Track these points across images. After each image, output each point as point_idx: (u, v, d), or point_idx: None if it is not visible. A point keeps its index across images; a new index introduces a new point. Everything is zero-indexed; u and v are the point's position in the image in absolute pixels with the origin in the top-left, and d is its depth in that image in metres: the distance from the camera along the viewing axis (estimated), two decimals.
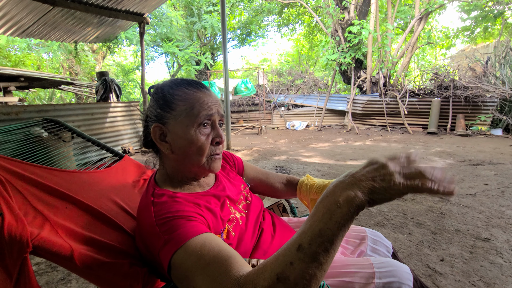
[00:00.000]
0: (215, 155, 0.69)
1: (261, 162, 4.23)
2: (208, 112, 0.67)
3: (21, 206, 0.69)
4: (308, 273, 0.40)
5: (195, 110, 0.66)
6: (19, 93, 8.82)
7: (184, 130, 0.66)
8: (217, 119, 0.70)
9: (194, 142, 0.66)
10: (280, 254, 0.43)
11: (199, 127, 0.66)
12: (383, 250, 0.90)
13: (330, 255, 0.41)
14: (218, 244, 0.52)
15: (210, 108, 0.67)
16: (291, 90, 10.97)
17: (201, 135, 0.66)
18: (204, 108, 0.67)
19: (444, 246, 1.73)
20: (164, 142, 0.69)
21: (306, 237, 0.42)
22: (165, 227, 0.57)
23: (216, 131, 0.69)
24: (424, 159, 4.07)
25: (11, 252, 0.61)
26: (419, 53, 14.14)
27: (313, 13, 10.09)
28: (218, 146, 0.70)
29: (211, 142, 0.68)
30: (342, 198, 0.42)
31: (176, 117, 0.67)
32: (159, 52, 13.46)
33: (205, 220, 0.62)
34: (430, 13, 7.52)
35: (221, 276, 0.46)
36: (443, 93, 6.85)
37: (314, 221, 0.43)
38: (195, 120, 0.66)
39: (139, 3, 4.88)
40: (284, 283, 0.40)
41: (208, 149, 0.68)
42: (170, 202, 0.63)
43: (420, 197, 2.53)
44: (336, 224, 0.41)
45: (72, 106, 4.35)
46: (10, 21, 4.50)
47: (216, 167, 0.71)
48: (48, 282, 1.51)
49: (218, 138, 0.69)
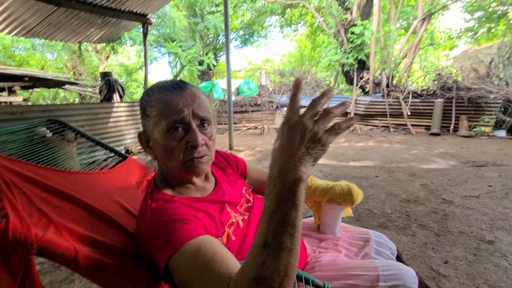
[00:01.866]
0: (190, 160, 0.65)
1: (263, 163, 4.23)
2: (177, 116, 0.63)
3: (26, 207, 0.70)
4: (282, 264, 0.40)
5: (164, 115, 0.63)
6: (23, 93, 8.88)
7: (158, 136, 0.65)
8: (192, 121, 0.64)
9: (165, 148, 0.64)
10: (249, 257, 0.43)
11: (170, 132, 0.63)
12: (387, 253, 0.90)
13: (296, 237, 0.41)
14: (212, 248, 0.52)
15: (179, 111, 0.63)
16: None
17: (173, 140, 0.64)
18: (172, 111, 0.63)
19: (448, 248, 1.71)
20: (149, 148, 0.70)
21: (269, 232, 0.41)
22: (160, 231, 0.57)
23: (190, 135, 0.64)
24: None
25: (15, 254, 0.61)
26: (422, 54, 14.08)
27: (315, 13, 10.08)
28: (195, 149, 0.65)
29: (186, 146, 0.64)
30: (290, 182, 0.41)
31: (152, 124, 0.66)
32: (162, 53, 13.50)
33: (201, 223, 0.62)
34: (433, 14, 7.49)
35: (214, 282, 0.47)
36: (446, 94, 6.81)
37: (270, 213, 0.42)
38: (164, 125, 0.63)
39: (142, 4, 4.90)
40: (263, 283, 0.40)
41: (184, 154, 0.64)
42: (167, 206, 0.63)
43: (424, 199, 2.51)
44: (294, 207, 0.41)
45: (76, 106, 4.37)
46: (15, 21, 4.53)
47: (197, 170, 0.66)
48: (52, 281, 1.52)
49: (192, 141, 0.64)
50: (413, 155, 4.45)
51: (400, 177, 3.26)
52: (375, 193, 2.72)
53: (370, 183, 3.03)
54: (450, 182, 3.00)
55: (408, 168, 3.65)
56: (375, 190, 2.79)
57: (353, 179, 3.24)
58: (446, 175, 3.27)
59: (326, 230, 0.97)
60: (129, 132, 5.20)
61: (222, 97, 8.20)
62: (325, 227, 0.97)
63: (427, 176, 3.23)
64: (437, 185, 2.90)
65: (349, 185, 0.91)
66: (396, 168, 3.64)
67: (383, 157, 4.39)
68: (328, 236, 0.96)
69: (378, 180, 3.16)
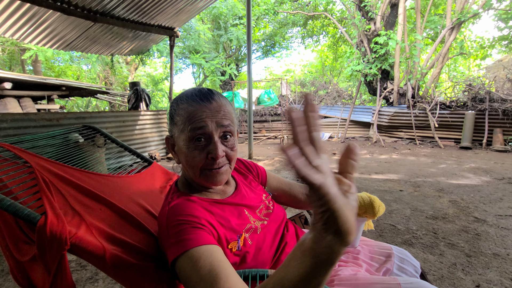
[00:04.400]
0: (208, 169, 0.67)
1: (282, 173, 4.21)
2: (200, 127, 0.65)
3: (62, 206, 0.75)
4: None
5: (187, 125, 0.66)
6: (60, 101, 9.59)
7: (181, 144, 0.68)
8: (215, 133, 0.66)
9: (187, 156, 0.67)
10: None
11: (192, 141, 0.66)
12: (410, 270, 0.86)
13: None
14: (210, 263, 0.52)
15: (203, 123, 0.65)
16: (314, 101, 10.84)
17: (195, 150, 0.66)
18: (195, 122, 0.65)
19: (480, 270, 1.59)
20: (174, 152, 0.74)
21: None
22: (173, 230, 0.60)
23: (211, 146, 0.66)
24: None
25: (51, 249, 0.66)
26: (451, 63, 13.49)
27: (338, 24, 10.07)
28: (215, 161, 0.66)
29: (207, 157, 0.66)
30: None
31: (178, 131, 0.69)
32: (186, 64, 14.06)
33: (214, 229, 0.63)
34: (462, 22, 7.19)
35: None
36: (477, 105, 6.43)
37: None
38: (188, 135, 0.66)
39: (170, 18, 5.18)
40: None
41: (203, 164, 0.67)
42: (184, 204, 0.66)
43: (453, 216, 2.36)
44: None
45: (106, 114, 4.64)
46: (56, 36, 4.96)
47: (214, 181, 0.68)
48: (78, 280, 1.60)
49: (212, 153, 0.65)
50: (441, 170, 4.21)
51: (426, 192, 3.09)
52: (399, 208, 2.60)
53: (394, 198, 2.90)
54: (483, 199, 2.80)
55: (436, 183, 3.46)
56: (399, 205, 2.67)
57: (376, 192, 3.12)
58: (478, 191, 3.06)
59: None
60: (153, 139, 5.41)
61: (242, 106, 8.33)
62: None
63: (456, 192, 3.04)
64: (468, 202, 2.72)
65: (371, 197, 0.89)
66: (423, 183, 3.47)
67: (408, 170, 4.20)
68: (348, 249, 0.93)
69: (403, 194, 3.02)
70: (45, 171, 0.84)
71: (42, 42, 5.06)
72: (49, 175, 0.84)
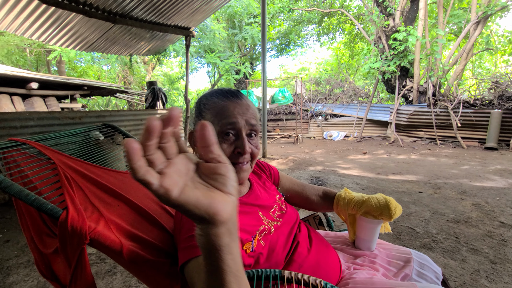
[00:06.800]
0: (233, 164, 0.67)
1: (296, 172, 4.17)
2: (229, 120, 0.66)
3: (82, 202, 0.78)
4: None
5: (218, 119, 0.67)
6: (82, 100, 9.99)
7: None
8: (243, 129, 0.67)
9: None
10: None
11: (221, 135, 0.66)
12: (431, 276, 0.82)
13: None
14: None
15: (234, 118, 0.66)
16: (330, 99, 10.70)
17: (223, 143, 0.66)
18: (227, 117, 0.66)
19: (506, 278, 1.51)
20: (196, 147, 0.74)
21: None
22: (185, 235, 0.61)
23: (239, 142, 0.67)
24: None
25: (72, 243, 0.69)
26: (476, 60, 12.83)
27: (354, 21, 9.83)
28: (241, 156, 0.67)
29: (233, 151, 0.67)
30: None
31: None
32: (201, 63, 14.23)
33: None
34: (489, 16, 6.81)
35: None
36: (505, 104, 6.09)
37: None
38: (218, 128, 0.66)
39: (186, 18, 5.25)
40: None
41: (229, 158, 0.67)
42: None
43: (476, 220, 2.25)
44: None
45: (125, 112, 4.79)
46: (79, 37, 5.17)
47: (238, 177, 0.68)
48: (97, 272, 1.66)
49: (240, 148, 0.66)
50: (464, 171, 4.03)
51: (447, 194, 2.97)
52: (418, 210, 2.51)
53: (413, 199, 2.81)
54: (510, 203, 2.65)
55: (458, 185, 3.31)
56: (418, 207, 2.58)
57: (393, 193, 3.03)
58: (504, 195, 2.90)
59: (362, 246, 0.92)
60: None
61: (256, 105, 8.33)
62: (361, 242, 0.93)
63: (480, 195, 2.90)
64: (493, 206, 2.58)
65: (386, 198, 0.86)
66: (443, 185, 3.33)
67: (428, 171, 4.04)
68: (364, 252, 0.91)
69: (422, 196, 2.91)
70: (67, 167, 0.88)
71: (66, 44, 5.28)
72: (71, 171, 0.87)
